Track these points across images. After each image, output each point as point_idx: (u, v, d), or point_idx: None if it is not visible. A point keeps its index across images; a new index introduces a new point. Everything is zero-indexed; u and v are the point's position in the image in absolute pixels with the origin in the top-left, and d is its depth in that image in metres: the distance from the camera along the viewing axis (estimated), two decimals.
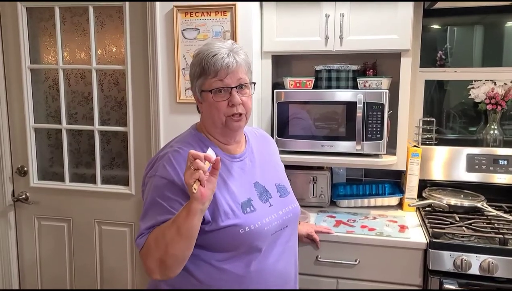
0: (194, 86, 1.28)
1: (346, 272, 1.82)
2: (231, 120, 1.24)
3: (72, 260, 2.36)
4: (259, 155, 1.40)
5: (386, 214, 2.08)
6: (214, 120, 1.26)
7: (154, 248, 1.13)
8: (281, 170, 1.49)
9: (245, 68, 1.26)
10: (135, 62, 2.11)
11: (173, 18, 1.97)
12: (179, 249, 1.11)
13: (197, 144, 1.27)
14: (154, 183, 1.20)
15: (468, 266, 1.65)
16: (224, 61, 1.21)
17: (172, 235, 1.10)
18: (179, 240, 1.10)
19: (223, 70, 1.21)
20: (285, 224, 1.32)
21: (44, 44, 2.29)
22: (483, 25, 2.35)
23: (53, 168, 2.39)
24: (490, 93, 2.16)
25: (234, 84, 1.22)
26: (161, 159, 1.23)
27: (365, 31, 1.95)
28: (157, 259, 1.12)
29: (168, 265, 1.13)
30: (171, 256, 1.11)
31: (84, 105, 2.30)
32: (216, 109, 1.23)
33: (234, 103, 1.22)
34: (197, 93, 1.28)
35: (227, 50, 1.23)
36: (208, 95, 1.23)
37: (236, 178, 1.28)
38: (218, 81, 1.22)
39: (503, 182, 2.12)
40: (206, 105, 1.27)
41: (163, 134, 2.06)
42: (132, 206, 2.23)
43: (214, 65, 1.21)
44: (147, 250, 1.15)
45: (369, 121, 1.94)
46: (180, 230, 1.09)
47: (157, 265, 1.13)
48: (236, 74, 1.22)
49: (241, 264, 1.22)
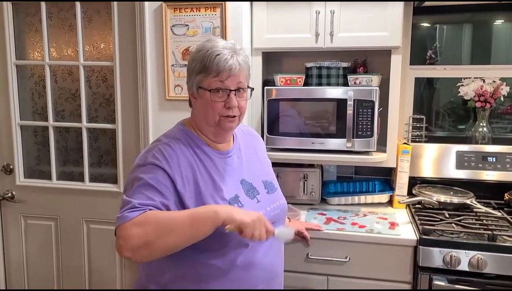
0: (191, 81, 1.26)
1: (337, 269, 1.82)
2: (225, 120, 1.24)
3: (59, 259, 2.33)
4: (246, 151, 1.39)
5: (377, 211, 2.08)
6: (208, 119, 1.25)
7: (151, 228, 1.06)
8: (268, 166, 1.49)
9: (245, 72, 1.26)
10: (124, 58, 2.08)
11: (162, 14, 1.95)
12: (178, 241, 1.08)
13: (186, 141, 1.26)
14: (145, 169, 1.18)
15: (457, 262, 1.66)
16: (228, 62, 1.20)
17: (183, 226, 1.07)
18: (187, 233, 1.08)
19: (225, 72, 1.20)
20: (273, 220, 1.31)
21: (30, 40, 2.25)
22: (472, 23, 2.37)
23: (40, 166, 2.35)
24: (479, 91, 2.18)
25: (233, 87, 1.22)
26: (151, 149, 1.22)
27: (356, 28, 1.94)
28: (146, 241, 1.06)
29: (153, 250, 1.07)
30: (164, 244, 1.07)
31: (71, 102, 2.26)
32: (212, 109, 1.23)
33: (231, 106, 1.22)
34: (193, 89, 1.26)
35: (230, 51, 1.22)
36: (206, 93, 1.22)
37: (223, 175, 1.27)
38: (218, 82, 1.21)
39: (491, 178, 2.13)
40: (201, 102, 1.25)
41: (152, 131, 2.04)
42: (121, 204, 2.20)
43: (217, 65, 1.20)
44: (139, 226, 1.06)
45: (360, 119, 1.94)
46: (195, 227, 1.08)
47: (139, 246, 1.06)
48: (237, 78, 1.22)
49: (228, 259, 1.22)
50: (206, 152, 1.27)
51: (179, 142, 1.24)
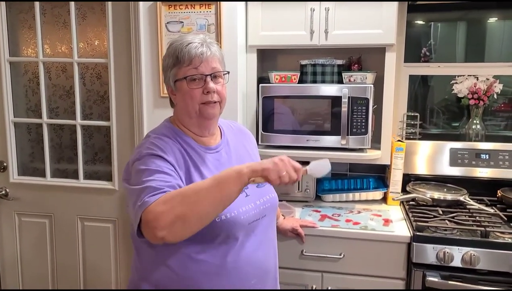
0: (167, 78, 1.28)
1: (331, 266, 1.83)
2: (206, 107, 1.25)
3: (54, 257, 2.32)
4: (235, 147, 1.39)
5: (371, 208, 2.09)
6: (188, 110, 1.26)
7: (179, 202, 1.04)
8: (258, 160, 1.48)
9: (219, 58, 1.27)
10: (118, 55, 2.08)
11: (157, 10, 1.94)
12: (210, 207, 1.06)
13: (173, 136, 1.27)
14: (143, 160, 1.17)
15: (450, 259, 1.67)
16: (198, 49, 1.22)
17: (210, 191, 1.05)
18: (217, 196, 1.06)
19: (197, 57, 1.22)
20: (263, 214, 1.31)
21: (23, 36, 2.24)
22: (466, 21, 2.37)
23: (34, 163, 2.34)
24: (472, 88, 2.19)
25: (208, 72, 1.24)
26: (143, 144, 1.23)
27: (350, 25, 1.95)
28: (177, 214, 1.02)
29: (187, 223, 1.04)
30: (198, 213, 1.04)
31: (65, 99, 2.25)
32: (190, 97, 1.24)
33: (209, 90, 1.23)
34: (171, 84, 1.27)
35: (200, 40, 1.25)
36: (183, 84, 1.24)
37: (212, 169, 1.27)
38: (192, 69, 1.22)
39: (484, 175, 2.15)
40: (180, 95, 1.26)
41: (147, 128, 2.03)
42: (116, 202, 2.20)
43: (188, 53, 1.22)
44: (166, 203, 1.04)
45: (354, 116, 1.95)
46: (222, 188, 1.06)
47: (173, 220, 1.02)
48: (210, 63, 1.24)
49: (218, 254, 1.22)
50: (193, 146, 1.28)
51: (167, 139, 1.25)
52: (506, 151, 2.14)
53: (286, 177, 1.10)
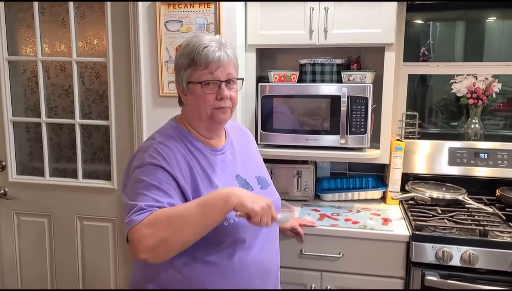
0: (180, 77, 1.26)
1: (330, 265, 1.83)
2: (218, 112, 1.24)
3: (52, 256, 2.32)
4: (239, 148, 1.39)
5: (370, 207, 2.10)
6: (200, 113, 1.24)
7: (163, 226, 1.04)
8: (261, 162, 1.49)
9: (234, 64, 1.26)
10: (117, 54, 2.07)
11: (156, 10, 1.94)
12: (194, 233, 1.07)
13: (179, 138, 1.26)
14: (144, 170, 1.16)
15: (449, 258, 1.67)
16: (216, 54, 1.20)
17: (194, 217, 1.06)
18: (202, 224, 1.06)
19: (214, 63, 1.20)
20: None
21: (22, 35, 2.23)
22: (465, 20, 2.38)
23: (33, 162, 2.34)
24: (471, 88, 2.19)
25: (223, 78, 1.22)
26: (147, 150, 1.20)
27: (349, 24, 1.95)
28: (161, 238, 1.03)
29: (169, 247, 1.05)
30: (180, 238, 1.05)
31: (64, 99, 2.25)
32: (203, 102, 1.22)
33: (223, 97, 1.22)
34: (183, 85, 1.25)
35: (217, 43, 1.23)
36: (196, 87, 1.22)
37: (218, 172, 1.27)
38: (208, 74, 1.21)
39: (483, 175, 2.15)
40: (192, 97, 1.25)
41: (146, 128, 2.03)
42: (115, 201, 2.19)
43: (205, 57, 1.20)
44: (150, 226, 1.04)
45: (353, 115, 1.95)
46: (208, 216, 1.06)
47: (156, 244, 1.03)
48: (226, 69, 1.22)
49: (225, 256, 1.22)
50: (200, 148, 1.27)
51: (173, 140, 1.23)
52: (504, 150, 2.15)
53: (264, 223, 1.11)
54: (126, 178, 1.23)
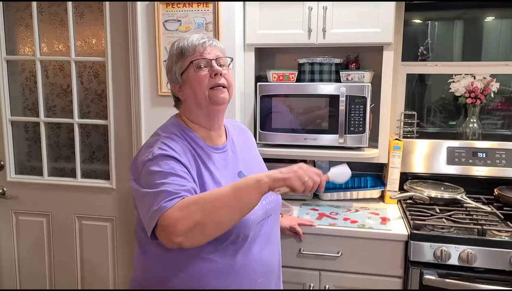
0: (173, 75, 1.28)
1: (329, 264, 1.84)
2: (215, 93, 1.25)
3: (51, 256, 2.32)
4: (240, 146, 1.40)
5: (368, 206, 2.10)
6: (198, 98, 1.25)
7: (197, 209, 1.03)
8: (261, 161, 1.50)
9: (221, 49, 1.30)
10: (116, 54, 2.07)
11: (154, 9, 1.94)
12: (228, 216, 1.06)
13: (181, 135, 1.26)
14: (156, 161, 1.15)
15: (447, 257, 1.68)
16: (200, 40, 1.26)
17: (228, 200, 1.05)
18: (235, 206, 1.05)
19: (200, 46, 1.25)
20: (269, 213, 1.32)
21: (20, 35, 2.23)
22: (463, 20, 2.38)
23: (31, 162, 2.33)
24: (469, 87, 2.20)
25: (213, 58, 1.26)
26: (153, 144, 1.20)
27: (348, 24, 1.95)
28: (195, 221, 1.02)
29: (205, 230, 1.04)
30: (215, 221, 1.04)
31: (63, 98, 2.25)
32: (198, 83, 1.24)
33: (216, 72, 1.24)
34: (178, 78, 1.27)
35: (201, 35, 1.30)
36: (189, 72, 1.25)
37: (221, 169, 1.27)
38: (197, 55, 1.25)
39: (481, 174, 2.16)
40: (188, 85, 1.26)
41: (145, 127, 2.03)
42: (113, 200, 2.19)
43: (191, 44, 1.25)
44: (184, 209, 1.03)
45: (352, 115, 1.95)
46: (241, 197, 1.05)
47: (191, 226, 1.02)
48: (213, 50, 1.27)
49: (227, 254, 1.22)
50: (202, 146, 1.27)
51: (176, 137, 1.25)
52: (502, 150, 2.15)
53: (310, 181, 1.09)
54: (134, 172, 1.22)
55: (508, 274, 1.65)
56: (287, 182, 1.07)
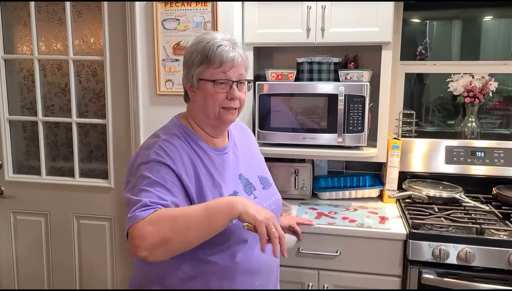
0: (190, 73, 1.24)
1: (328, 263, 1.84)
2: (226, 112, 1.23)
3: (49, 256, 2.31)
4: (241, 147, 1.39)
5: (367, 205, 2.10)
6: (208, 111, 1.23)
7: (167, 225, 1.03)
8: (262, 161, 1.49)
9: (245, 65, 1.26)
10: (114, 53, 2.07)
11: (153, 8, 1.93)
12: (196, 236, 1.06)
13: (183, 136, 1.25)
14: (149, 167, 1.15)
15: (446, 256, 1.68)
16: (230, 54, 1.20)
17: (199, 220, 1.05)
18: (205, 228, 1.05)
19: (229, 62, 1.20)
20: None
21: (18, 33, 2.22)
22: (462, 19, 2.38)
23: (29, 161, 2.33)
24: (468, 87, 2.20)
25: (235, 79, 1.22)
26: (151, 147, 1.19)
27: (347, 23, 1.95)
28: (163, 237, 1.03)
29: (170, 247, 1.05)
30: (182, 240, 1.05)
31: (61, 97, 2.24)
32: (213, 100, 1.22)
33: (234, 97, 1.22)
34: (193, 81, 1.23)
35: (231, 43, 1.22)
36: (207, 85, 1.21)
37: (221, 171, 1.26)
38: (221, 73, 1.20)
39: (480, 173, 2.16)
40: (201, 94, 1.23)
41: (143, 126, 2.03)
42: (112, 200, 2.19)
43: (220, 56, 1.19)
44: (154, 223, 1.03)
45: (350, 114, 1.95)
46: (212, 221, 1.05)
47: (157, 242, 1.03)
48: (238, 69, 1.22)
49: (227, 256, 1.21)
50: (203, 148, 1.26)
51: (177, 139, 1.22)
52: (501, 149, 2.16)
53: (271, 232, 1.08)
54: (129, 174, 1.22)
55: (507, 273, 1.65)
56: (257, 224, 1.07)
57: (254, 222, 1.07)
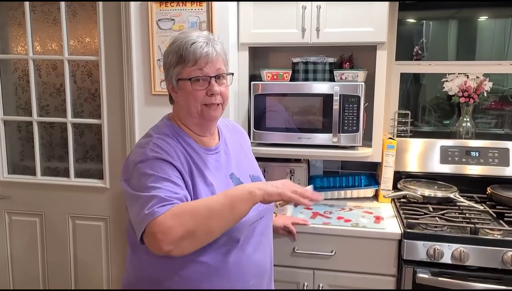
0: (169, 75, 1.24)
1: (323, 263, 1.84)
2: (208, 109, 1.23)
3: (44, 256, 2.31)
4: (232, 146, 1.39)
5: (362, 205, 2.10)
6: (190, 110, 1.24)
7: (190, 217, 1.03)
8: (254, 161, 1.49)
9: (223, 59, 1.25)
10: (109, 53, 2.06)
11: (148, 8, 1.93)
12: (219, 226, 1.07)
13: (173, 135, 1.25)
14: (149, 164, 1.14)
15: (440, 255, 1.68)
16: (204, 50, 1.19)
17: (221, 210, 1.06)
18: (228, 216, 1.07)
19: (203, 58, 1.19)
20: (261, 215, 1.32)
21: (13, 33, 2.22)
22: (457, 19, 2.39)
23: (24, 161, 2.32)
24: (463, 86, 2.21)
25: (213, 74, 1.21)
26: (146, 145, 1.19)
27: (342, 23, 1.95)
28: (187, 230, 1.02)
29: (196, 239, 1.05)
30: (206, 230, 1.05)
31: (56, 97, 2.24)
32: (194, 98, 1.21)
33: (213, 93, 1.21)
34: (173, 82, 1.24)
35: (205, 39, 1.22)
36: (186, 84, 1.21)
37: (213, 171, 1.26)
38: (197, 70, 1.20)
39: (474, 173, 2.17)
40: (182, 94, 1.24)
41: (138, 126, 2.02)
42: (107, 200, 2.19)
43: (193, 53, 1.19)
44: (176, 217, 1.02)
45: (346, 114, 1.95)
46: (234, 208, 1.08)
47: (182, 235, 1.02)
48: (215, 64, 1.21)
49: (219, 256, 1.21)
50: (194, 147, 1.26)
51: (169, 138, 1.23)
52: (495, 149, 2.16)
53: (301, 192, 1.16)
54: (125, 172, 1.20)
55: (501, 272, 1.66)
56: (282, 196, 1.12)
57: (280, 197, 1.12)
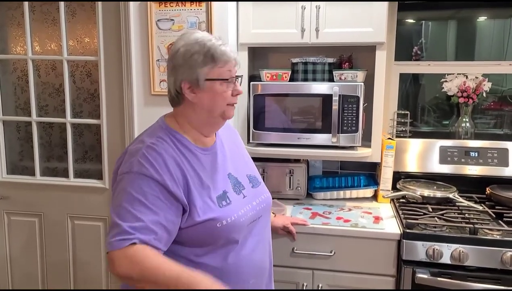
0: (193, 75, 1.20)
1: (322, 263, 1.84)
2: (230, 109, 1.27)
3: (44, 256, 2.30)
4: (228, 146, 1.39)
5: (361, 205, 2.10)
6: (214, 110, 1.24)
7: (138, 271, 1.08)
8: (250, 160, 1.48)
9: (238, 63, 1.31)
10: (108, 53, 2.06)
11: (147, 8, 1.93)
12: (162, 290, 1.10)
13: (168, 138, 1.22)
14: (131, 179, 1.14)
15: (439, 256, 1.68)
16: (231, 52, 1.24)
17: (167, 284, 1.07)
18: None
19: (232, 61, 1.24)
20: (259, 214, 1.32)
21: (12, 33, 2.22)
22: (456, 20, 2.39)
23: (23, 161, 2.32)
24: (462, 87, 2.21)
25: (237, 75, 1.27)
26: (135, 155, 1.17)
27: (341, 23, 1.95)
28: (132, 277, 1.09)
29: (138, 285, 1.12)
30: (150, 285, 1.10)
31: (55, 97, 2.24)
32: (222, 98, 1.23)
33: (239, 93, 1.27)
34: (199, 82, 1.21)
35: (223, 41, 1.26)
36: (215, 84, 1.22)
37: (209, 172, 1.26)
38: (227, 72, 1.23)
39: (474, 173, 2.17)
40: (207, 95, 1.22)
41: (137, 127, 2.02)
42: (106, 200, 2.19)
43: (225, 55, 1.22)
44: (128, 259, 1.08)
45: (345, 114, 1.95)
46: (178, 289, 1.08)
47: (128, 276, 1.10)
48: (236, 67, 1.28)
49: (218, 257, 1.21)
50: (190, 148, 1.25)
51: (163, 142, 1.20)
52: (495, 149, 2.16)
53: None
54: (114, 181, 1.22)
55: (500, 273, 1.66)
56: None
57: None
